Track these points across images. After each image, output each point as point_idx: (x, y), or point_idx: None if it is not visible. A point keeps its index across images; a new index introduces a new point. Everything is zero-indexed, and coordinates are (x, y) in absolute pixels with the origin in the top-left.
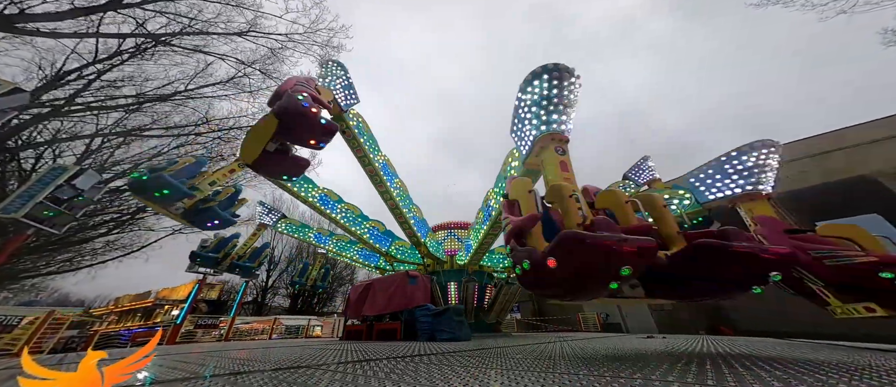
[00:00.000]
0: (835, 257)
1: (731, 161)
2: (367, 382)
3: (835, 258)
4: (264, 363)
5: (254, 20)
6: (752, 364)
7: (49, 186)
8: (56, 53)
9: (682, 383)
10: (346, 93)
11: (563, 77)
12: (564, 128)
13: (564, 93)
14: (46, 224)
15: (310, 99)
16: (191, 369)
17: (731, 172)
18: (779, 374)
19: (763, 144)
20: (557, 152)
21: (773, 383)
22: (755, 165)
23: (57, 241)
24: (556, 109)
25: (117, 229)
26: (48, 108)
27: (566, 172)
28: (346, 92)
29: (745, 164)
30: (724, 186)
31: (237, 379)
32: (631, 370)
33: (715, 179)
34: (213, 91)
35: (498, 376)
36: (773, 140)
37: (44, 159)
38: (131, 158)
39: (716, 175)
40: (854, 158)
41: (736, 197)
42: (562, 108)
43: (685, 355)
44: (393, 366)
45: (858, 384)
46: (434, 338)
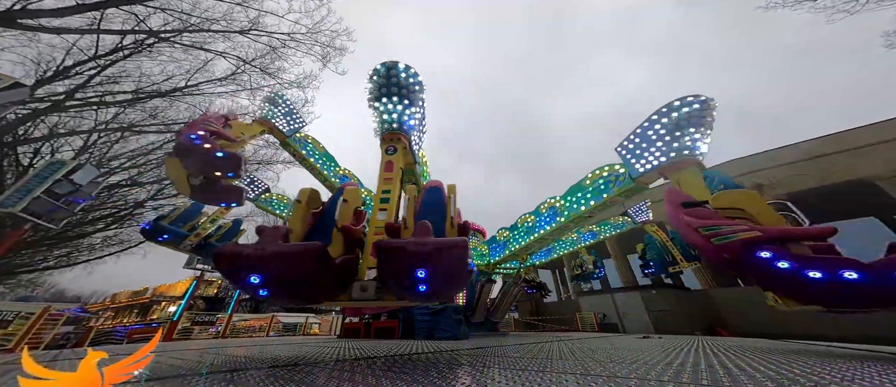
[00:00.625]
0: (719, 234)
1: (654, 125)
2: (365, 379)
3: (719, 235)
4: (261, 361)
5: (256, 18)
6: (746, 364)
7: (47, 181)
8: (55, 49)
9: (677, 384)
10: (288, 119)
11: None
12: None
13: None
14: (44, 219)
15: (205, 136)
16: (187, 367)
17: (655, 139)
18: (771, 374)
19: (693, 100)
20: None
21: (767, 383)
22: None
23: (54, 236)
24: (697, 135)
25: (115, 225)
26: (48, 103)
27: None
28: (288, 118)
29: (670, 126)
30: (651, 156)
31: (234, 376)
32: (627, 370)
33: (642, 149)
34: (213, 88)
35: (496, 375)
36: (704, 95)
37: (41, 154)
38: (130, 153)
39: (642, 144)
40: (853, 161)
41: (663, 167)
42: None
43: (681, 356)
44: (390, 364)
45: (850, 383)
46: (432, 336)
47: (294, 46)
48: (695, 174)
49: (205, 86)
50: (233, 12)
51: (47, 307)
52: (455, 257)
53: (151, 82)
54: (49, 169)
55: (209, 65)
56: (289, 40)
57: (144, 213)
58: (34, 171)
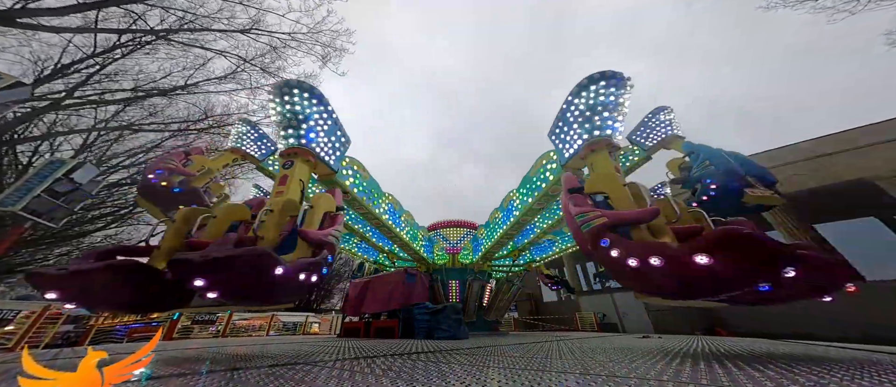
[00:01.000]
0: (584, 222)
1: (570, 106)
2: (364, 378)
3: (583, 223)
4: (261, 359)
5: (257, 16)
6: (746, 364)
7: (47, 180)
8: (52, 48)
9: (677, 383)
10: (258, 145)
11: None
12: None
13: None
14: (44, 218)
15: (162, 174)
16: (187, 365)
17: (572, 121)
18: (771, 373)
19: (602, 75)
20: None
21: (766, 383)
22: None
23: (54, 235)
24: (611, 116)
25: (115, 223)
26: (46, 102)
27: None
28: (259, 143)
29: (584, 106)
30: (572, 140)
31: (234, 375)
32: (627, 369)
33: (566, 133)
34: (212, 86)
35: (495, 375)
36: (617, 71)
37: (40, 153)
38: (129, 151)
39: (565, 127)
40: (852, 161)
41: (582, 149)
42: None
43: (680, 355)
44: (390, 363)
45: (849, 384)
46: (432, 336)
47: (295, 46)
48: (604, 157)
49: (204, 84)
50: (234, 11)
51: (47, 306)
52: (240, 266)
53: (150, 81)
54: (49, 168)
55: (209, 64)
56: (290, 40)
57: (145, 212)
58: (34, 169)
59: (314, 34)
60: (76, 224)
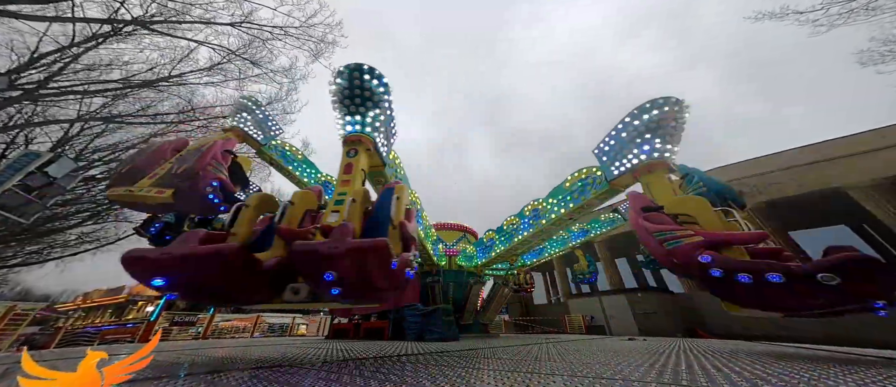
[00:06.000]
0: (669, 239)
1: (626, 127)
2: (353, 380)
3: (670, 240)
4: (245, 362)
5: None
6: (723, 365)
7: (18, 173)
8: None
9: (660, 384)
10: (262, 127)
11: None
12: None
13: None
14: (14, 213)
15: (218, 186)
16: (164, 368)
17: (628, 141)
18: (746, 374)
19: (666, 100)
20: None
21: (742, 383)
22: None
23: (24, 231)
24: (671, 139)
25: (91, 220)
26: (19, 91)
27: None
28: (263, 126)
29: (641, 127)
30: (625, 159)
31: (215, 378)
32: (613, 371)
33: (617, 151)
34: (198, 78)
35: (486, 377)
36: (674, 97)
37: (16, 144)
38: (111, 145)
39: (616, 146)
40: (827, 171)
41: (637, 168)
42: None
43: (662, 357)
44: (379, 365)
45: (817, 380)
46: (422, 338)
47: (283, 38)
48: (662, 178)
49: (189, 76)
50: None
51: (13, 306)
52: (370, 260)
53: (134, 72)
54: (22, 160)
55: (194, 54)
56: (282, 34)
57: (124, 209)
58: (6, 161)
59: (306, 29)
60: (50, 220)
